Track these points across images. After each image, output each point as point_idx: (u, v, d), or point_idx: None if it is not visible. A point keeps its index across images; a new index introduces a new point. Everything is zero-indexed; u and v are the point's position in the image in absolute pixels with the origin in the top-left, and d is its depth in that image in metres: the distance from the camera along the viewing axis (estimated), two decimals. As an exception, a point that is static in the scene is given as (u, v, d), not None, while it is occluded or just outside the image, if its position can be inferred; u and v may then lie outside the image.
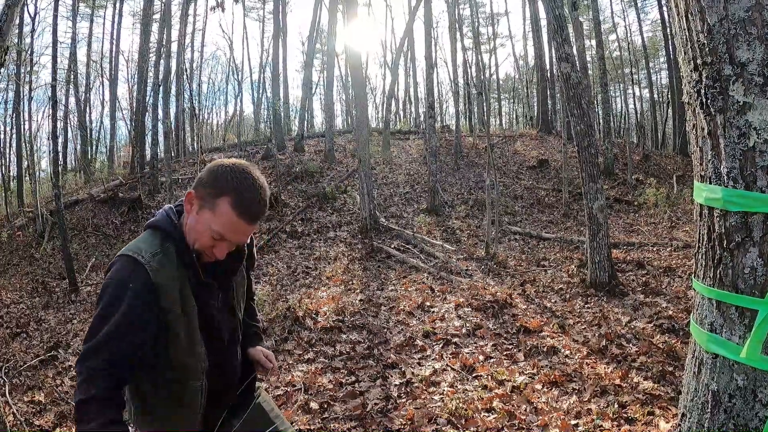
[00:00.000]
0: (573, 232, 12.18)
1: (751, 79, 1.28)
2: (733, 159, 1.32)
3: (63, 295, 9.58)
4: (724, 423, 1.37)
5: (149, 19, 21.21)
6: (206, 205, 1.63)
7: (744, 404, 1.33)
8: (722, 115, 1.33)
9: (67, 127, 25.73)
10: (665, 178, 17.20)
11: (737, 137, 1.31)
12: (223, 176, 1.62)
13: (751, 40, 1.29)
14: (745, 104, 1.29)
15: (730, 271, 1.34)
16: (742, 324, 1.32)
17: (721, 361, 1.37)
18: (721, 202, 1.34)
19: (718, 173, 1.36)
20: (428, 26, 16.93)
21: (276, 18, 24.68)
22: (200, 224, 1.64)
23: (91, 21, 28.47)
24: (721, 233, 1.36)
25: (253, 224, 1.65)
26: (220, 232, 1.62)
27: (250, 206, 1.61)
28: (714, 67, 1.34)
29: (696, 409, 1.46)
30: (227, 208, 1.59)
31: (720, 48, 1.33)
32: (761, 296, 1.28)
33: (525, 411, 3.99)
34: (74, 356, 5.89)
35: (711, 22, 1.34)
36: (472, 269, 9.00)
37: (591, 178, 7.10)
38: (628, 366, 4.61)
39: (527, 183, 17.15)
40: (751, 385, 1.32)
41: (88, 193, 16.46)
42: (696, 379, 1.46)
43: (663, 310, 5.94)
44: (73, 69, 24.70)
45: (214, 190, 1.61)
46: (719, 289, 1.37)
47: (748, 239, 1.30)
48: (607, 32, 33.07)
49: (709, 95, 1.36)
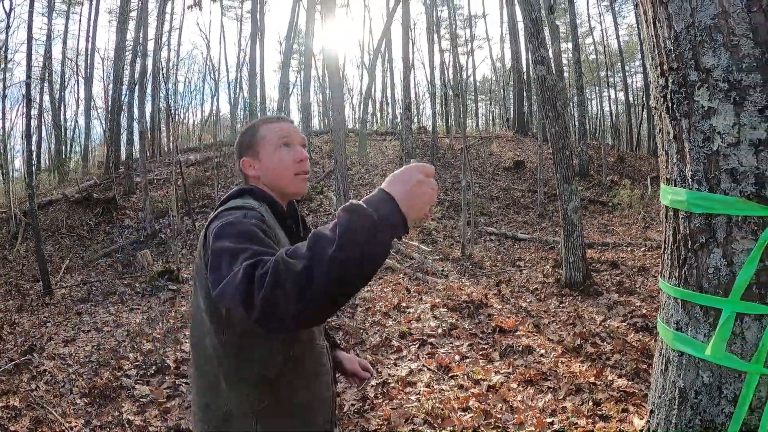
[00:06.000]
0: (548, 233, 12.32)
1: (716, 85, 1.32)
2: (698, 162, 1.36)
3: (37, 297, 9.41)
4: (691, 419, 1.41)
5: (126, 16, 20.94)
6: (257, 148, 1.66)
7: (709, 400, 1.37)
8: (687, 119, 1.37)
9: (41, 126, 25.29)
10: (639, 180, 17.46)
11: (702, 141, 1.35)
12: (245, 130, 1.72)
13: (716, 47, 1.33)
14: (709, 109, 1.33)
15: (695, 271, 1.38)
16: (706, 323, 1.36)
17: (687, 358, 1.40)
18: (686, 204, 1.38)
19: (683, 176, 1.40)
20: (406, 28, 16.97)
21: (254, 17, 24.56)
22: (269, 161, 1.65)
23: (67, 18, 28.05)
24: (686, 234, 1.40)
25: (292, 124, 1.72)
26: (281, 140, 1.65)
27: (276, 116, 1.73)
28: (680, 73, 1.38)
29: (664, 406, 1.49)
30: (266, 129, 1.67)
31: (686, 54, 1.37)
32: (725, 295, 1.31)
33: (501, 410, 4.02)
34: (49, 360, 5.80)
35: (678, 29, 1.38)
36: (448, 270, 9.05)
37: (565, 180, 7.19)
38: (602, 364, 4.66)
39: (503, 184, 17.28)
40: (716, 382, 1.35)
41: (62, 194, 16.20)
42: (663, 376, 1.50)
43: (637, 309, 6.03)
44: (48, 67, 24.28)
45: (250, 138, 1.68)
46: (684, 288, 1.40)
47: (712, 240, 1.34)
48: (584, 35, 33.49)
49: (675, 100, 1.39)
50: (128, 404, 4.52)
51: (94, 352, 6.05)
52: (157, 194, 16.41)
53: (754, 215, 1.28)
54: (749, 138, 1.29)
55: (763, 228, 1.27)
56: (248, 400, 1.48)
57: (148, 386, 4.88)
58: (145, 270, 10.81)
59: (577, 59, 20.25)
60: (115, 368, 5.33)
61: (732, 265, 1.31)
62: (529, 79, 25.55)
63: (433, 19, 24.71)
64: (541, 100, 7.88)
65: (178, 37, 37.59)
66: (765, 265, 1.28)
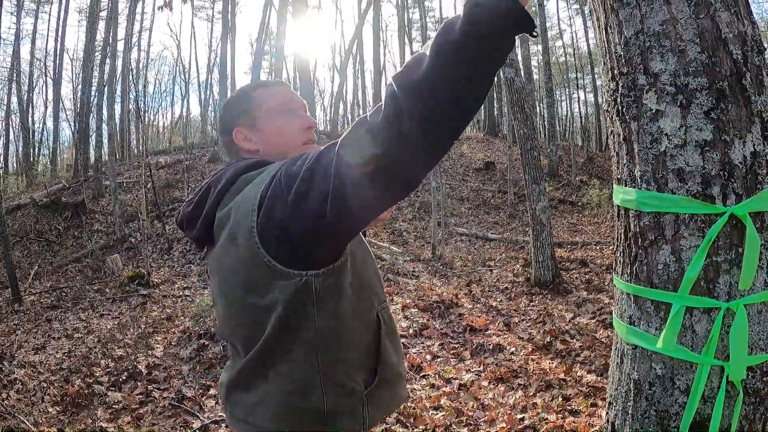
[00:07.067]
0: (518, 233, 12.47)
1: (664, 89, 1.38)
2: (646, 163, 1.41)
3: (6, 305, 9.21)
4: (647, 410, 1.46)
5: (96, 16, 20.66)
6: (253, 116, 1.45)
7: (663, 391, 1.42)
8: (636, 122, 1.43)
9: (8, 128, 24.81)
10: (608, 179, 17.73)
11: (650, 142, 1.40)
12: (234, 98, 1.50)
13: (664, 52, 1.38)
14: (657, 112, 1.39)
15: (645, 268, 1.44)
16: (657, 317, 1.42)
17: (640, 351, 1.46)
18: (635, 203, 1.43)
19: (632, 176, 1.45)
20: (377, 30, 17.04)
21: (225, 18, 24.34)
22: (272, 130, 1.44)
23: (36, 17, 27.53)
24: (636, 232, 1.45)
25: (290, 87, 1.51)
26: (285, 106, 1.45)
27: (270, 81, 1.54)
28: (629, 77, 1.44)
29: (620, 398, 1.54)
30: (263, 94, 1.46)
31: (635, 59, 1.42)
32: (674, 290, 1.37)
33: (472, 407, 4.07)
34: (20, 368, 5.69)
35: (628, 35, 1.43)
36: (419, 270, 9.11)
37: (534, 180, 7.30)
38: (572, 360, 4.75)
39: (473, 185, 17.43)
40: (668, 374, 1.41)
41: (30, 198, 15.90)
42: (619, 369, 1.55)
43: (605, 306, 6.16)
44: (16, 67, 23.83)
45: (244, 105, 1.47)
46: (636, 284, 1.46)
47: (661, 237, 1.40)
48: (554, 38, 33.94)
49: (625, 103, 1.45)
50: (101, 411, 4.48)
51: (65, 360, 5.97)
52: (126, 198, 16.21)
53: (700, 213, 1.34)
54: (695, 139, 1.35)
55: (710, 225, 1.33)
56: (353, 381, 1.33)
57: (121, 393, 4.84)
58: (115, 275, 10.69)
59: (546, 61, 20.51)
60: (86, 375, 5.27)
61: (680, 261, 1.37)
62: (499, 81, 25.79)
63: (404, 22, 24.82)
64: (509, 102, 7.99)
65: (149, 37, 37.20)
66: (712, 261, 1.34)
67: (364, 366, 1.37)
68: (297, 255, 1.17)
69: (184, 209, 1.40)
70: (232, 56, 25.80)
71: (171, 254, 12.49)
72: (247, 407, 1.33)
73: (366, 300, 1.36)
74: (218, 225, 1.27)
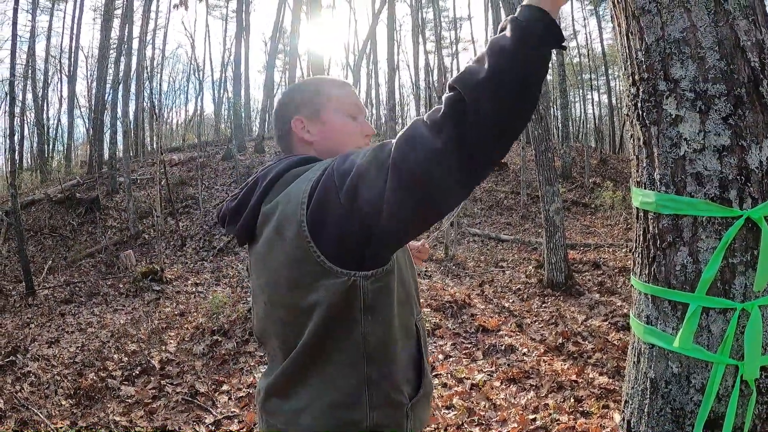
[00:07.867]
0: (531, 234, 12.45)
1: (683, 95, 1.41)
2: (665, 166, 1.44)
3: (20, 298, 9.35)
4: (662, 407, 1.49)
5: (111, 14, 20.84)
6: (319, 109, 1.40)
7: (679, 390, 1.45)
8: (656, 126, 1.46)
9: (23, 125, 25.06)
10: (622, 182, 17.66)
11: (669, 147, 1.44)
12: (299, 86, 1.46)
13: (684, 59, 1.42)
14: (677, 117, 1.42)
15: (663, 269, 1.47)
16: (674, 316, 1.45)
17: (657, 350, 1.49)
18: (654, 205, 1.47)
19: (652, 179, 1.49)
20: (391, 29, 17.05)
21: (239, 17, 24.50)
22: (335, 126, 1.40)
23: (51, 14, 27.84)
24: (655, 234, 1.49)
25: (357, 92, 1.48)
26: (352, 108, 1.43)
27: (341, 80, 1.49)
28: (650, 83, 1.47)
29: (636, 396, 1.58)
30: (333, 89, 1.43)
31: (656, 65, 1.46)
32: (691, 291, 1.40)
33: (484, 407, 4.09)
34: (33, 361, 5.79)
35: (649, 42, 1.47)
36: (432, 270, 9.13)
37: (548, 182, 7.30)
38: (584, 362, 4.76)
39: (486, 185, 17.41)
40: (685, 372, 1.44)
41: (45, 193, 16.08)
42: (636, 368, 1.59)
43: (618, 309, 6.15)
44: (32, 64, 24.12)
45: (310, 96, 1.42)
46: (654, 285, 1.49)
47: (679, 239, 1.43)
48: (568, 39, 33.73)
49: (645, 108, 1.48)
50: (114, 405, 4.54)
51: (78, 353, 6.05)
52: (140, 194, 16.34)
53: (717, 216, 1.37)
54: (714, 144, 1.38)
55: (727, 228, 1.36)
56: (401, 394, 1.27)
57: (134, 387, 4.91)
58: (129, 270, 10.80)
59: (561, 62, 20.47)
60: (100, 369, 5.35)
61: (697, 263, 1.40)
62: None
63: (418, 21, 24.84)
64: (524, 103, 7.94)
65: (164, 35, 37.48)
66: (728, 263, 1.38)
67: (409, 378, 1.31)
68: (348, 253, 1.12)
69: (228, 204, 1.35)
70: (246, 55, 25.95)
71: (184, 251, 12.60)
72: (285, 416, 1.26)
73: (408, 308, 1.32)
74: (263, 220, 1.22)
